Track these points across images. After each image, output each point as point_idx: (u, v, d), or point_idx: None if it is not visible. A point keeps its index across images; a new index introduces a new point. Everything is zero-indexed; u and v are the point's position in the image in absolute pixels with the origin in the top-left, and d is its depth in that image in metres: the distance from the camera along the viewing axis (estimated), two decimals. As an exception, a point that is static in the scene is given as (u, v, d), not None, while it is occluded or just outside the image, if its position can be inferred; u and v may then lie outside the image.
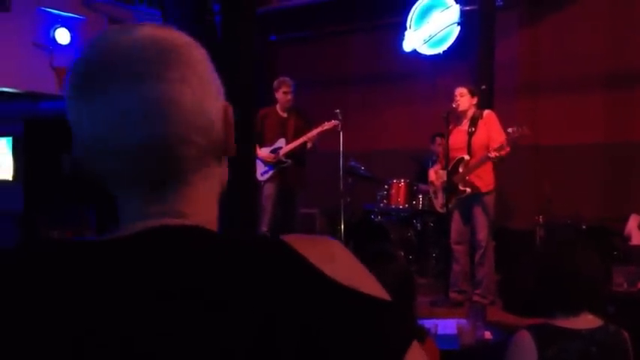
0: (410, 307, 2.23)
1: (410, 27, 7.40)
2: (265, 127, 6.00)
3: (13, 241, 8.09)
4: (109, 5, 7.62)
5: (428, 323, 3.30)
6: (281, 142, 6.01)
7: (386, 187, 6.46)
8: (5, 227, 8.28)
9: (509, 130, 4.99)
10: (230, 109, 0.82)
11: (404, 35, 7.41)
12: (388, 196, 6.43)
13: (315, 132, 5.90)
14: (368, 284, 0.73)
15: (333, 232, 6.29)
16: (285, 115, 6.08)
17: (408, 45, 7.40)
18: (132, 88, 0.73)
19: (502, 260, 5.40)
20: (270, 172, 5.98)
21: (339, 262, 0.73)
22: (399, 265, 2.25)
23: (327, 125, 5.90)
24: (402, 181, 6.41)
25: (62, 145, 8.20)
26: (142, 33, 0.77)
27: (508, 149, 4.99)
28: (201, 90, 0.77)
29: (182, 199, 0.77)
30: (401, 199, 6.40)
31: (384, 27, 7.78)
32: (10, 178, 8.77)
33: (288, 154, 5.99)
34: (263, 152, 5.96)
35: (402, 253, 6.08)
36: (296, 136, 5.99)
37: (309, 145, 5.98)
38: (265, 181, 5.98)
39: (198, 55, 0.79)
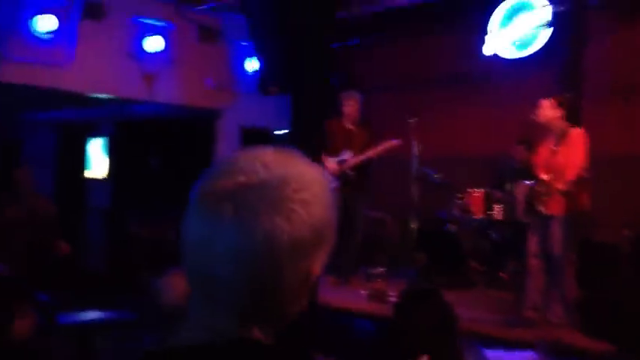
0: (452, 343, 2.14)
1: (493, 29, 7.14)
2: (332, 138, 6.17)
3: (103, 236, 8.60)
4: (199, 13, 7.90)
5: (492, 355, 3.05)
6: (346, 154, 6.14)
7: (461, 195, 6.28)
8: (96, 223, 8.82)
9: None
10: (316, 274, 0.84)
11: (486, 37, 7.15)
12: (463, 205, 6.26)
13: (375, 151, 6.06)
14: None
15: (404, 239, 6.20)
16: (351, 127, 6.26)
17: (490, 48, 7.14)
18: (230, 227, 0.78)
19: (583, 276, 5.06)
20: (335, 183, 6.07)
21: None
22: (439, 301, 2.18)
23: (387, 144, 6.04)
24: (479, 189, 6.20)
25: (150, 146, 8.64)
26: (265, 172, 0.80)
27: (583, 174, 4.73)
28: (297, 247, 0.80)
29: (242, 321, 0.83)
30: (476, 208, 6.19)
31: (465, 29, 7.55)
32: (105, 177, 9.29)
33: (352, 167, 6.14)
34: (329, 163, 6.08)
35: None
36: (361, 149, 6.13)
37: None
38: None
39: (309, 198, 0.81)
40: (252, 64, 8.16)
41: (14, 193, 6.42)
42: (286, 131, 8.48)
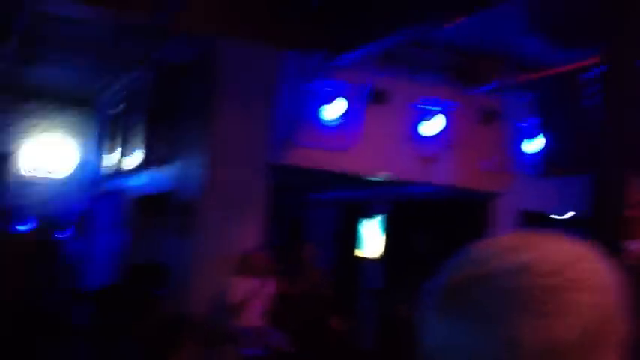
0: None
1: None
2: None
3: (374, 316, 8.68)
4: (478, 95, 7.80)
5: None
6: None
7: None
8: (367, 301, 8.97)
9: None
10: None
11: None
12: None
13: None
14: None
15: None
16: None
17: None
18: (461, 331, 0.67)
19: None
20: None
21: None
22: None
23: None
24: None
25: (422, 227, 8.62)
26: (525, 258, 0.66)
27: None
28: (556, 350, 0.63)
29: None
30: None
31: None
32: (378, 256, 9.48)
33: None
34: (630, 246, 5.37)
35: None
36: None
37: None
38: None
39: (564, 283, 0.65)
40: (531, 146, 7.75)
41: (299, 268, 6.85)
42: (571, 215, 7.81)
